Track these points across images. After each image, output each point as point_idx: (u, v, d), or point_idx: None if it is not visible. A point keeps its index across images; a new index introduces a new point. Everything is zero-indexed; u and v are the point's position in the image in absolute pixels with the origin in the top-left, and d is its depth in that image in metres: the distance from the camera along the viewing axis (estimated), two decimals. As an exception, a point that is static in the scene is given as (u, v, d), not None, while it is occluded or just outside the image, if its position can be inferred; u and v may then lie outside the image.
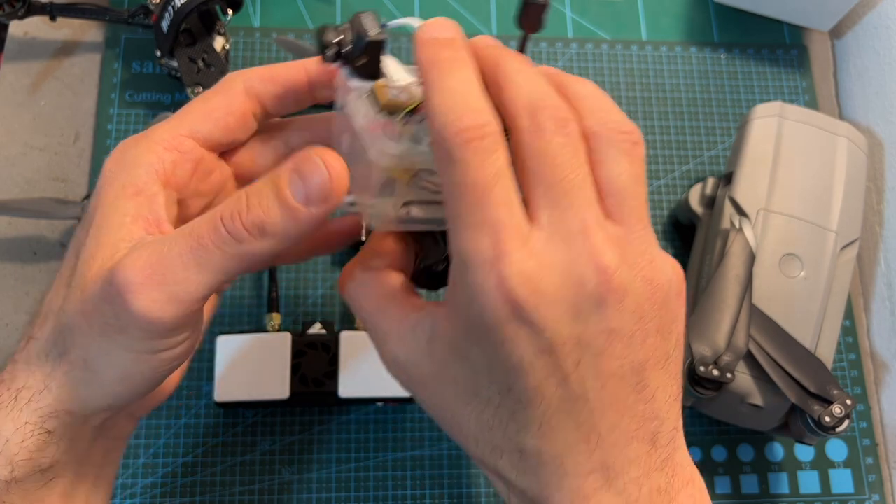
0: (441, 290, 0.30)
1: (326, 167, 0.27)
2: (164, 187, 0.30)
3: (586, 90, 0.28)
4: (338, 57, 0.27)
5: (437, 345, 0.28)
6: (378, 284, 0.30)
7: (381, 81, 0.28)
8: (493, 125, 0.25)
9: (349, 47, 0.27)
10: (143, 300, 0.26)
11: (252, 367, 0.43)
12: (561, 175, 0.26)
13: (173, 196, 0.30)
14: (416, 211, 0.29)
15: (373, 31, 0.26)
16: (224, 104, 0.31)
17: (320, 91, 0.33)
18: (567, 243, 0.25)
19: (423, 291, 0.31)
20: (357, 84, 0.28)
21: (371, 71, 0.27)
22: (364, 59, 0.27)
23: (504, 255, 0.25)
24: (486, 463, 0.28)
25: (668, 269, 0.28)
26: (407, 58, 0.39)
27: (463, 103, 0.26)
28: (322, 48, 0.26)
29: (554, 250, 0.25)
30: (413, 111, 0.28)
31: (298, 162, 0.27)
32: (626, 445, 0.27)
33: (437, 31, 0.27)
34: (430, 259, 0.30)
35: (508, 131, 0.26)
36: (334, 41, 0.26)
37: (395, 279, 0.30)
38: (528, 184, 0.26)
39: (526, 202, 0.26)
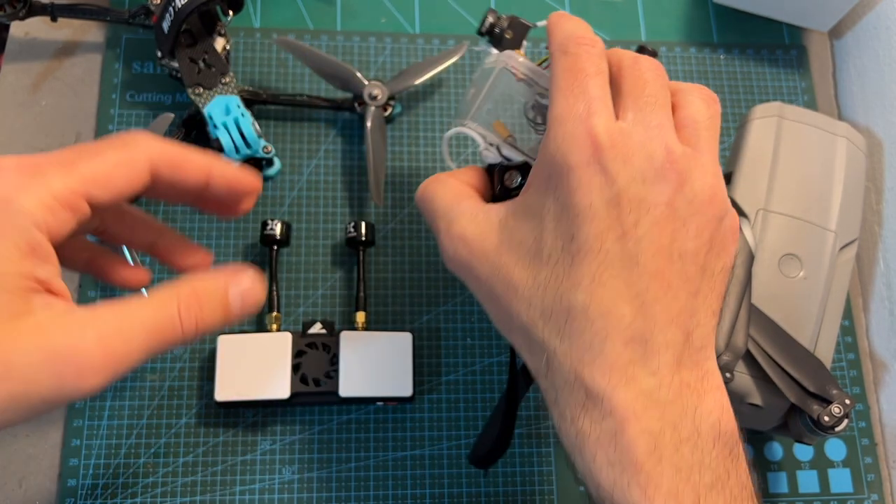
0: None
1: (261, 292, 0.31)
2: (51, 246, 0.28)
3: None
4: (491, 30, 0.38)
5: (509, 219, 0.32)
6: (459, 185, 0.36)
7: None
8: (603, 48, 0.33)
9: (504, 26, 0.38)
10: (99, 380, 0.26)
11: (252, 366, 0.44)
12: (649, 93, 0.32)
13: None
14: (505, 150, 0.37)
15: (524, 20, 0.38)
16: (127, 175, 0.29)
17: (209, 194, 0.32)
18: (645, 130, 0.31)
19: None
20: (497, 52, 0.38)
21: (512, 47, 0.38)
22: (511, 34, 0.38)
23: (595, 115, 0.30)
24: (532, 331, 0.30)
25: (729, 203, 0.32)
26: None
27: (581, 29, 0.33)
28: (482, 22, 0.38)
29: (633, 130, 0.30)
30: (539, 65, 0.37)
31: (245, 288, 0.30)
32: (665, 326, 0.29)
33: (563, 13, 0.35)
34: (511, 164, 0.36)
35: (612, 81, 0.33)
36: (494, 19, 0.38)
37: (474, 191, 0.36)
38: (620, 99, 0.32)
39: (616, 112, 0.31)
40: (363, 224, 0.48)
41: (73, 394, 0.26)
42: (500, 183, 0.36)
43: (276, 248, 0.47)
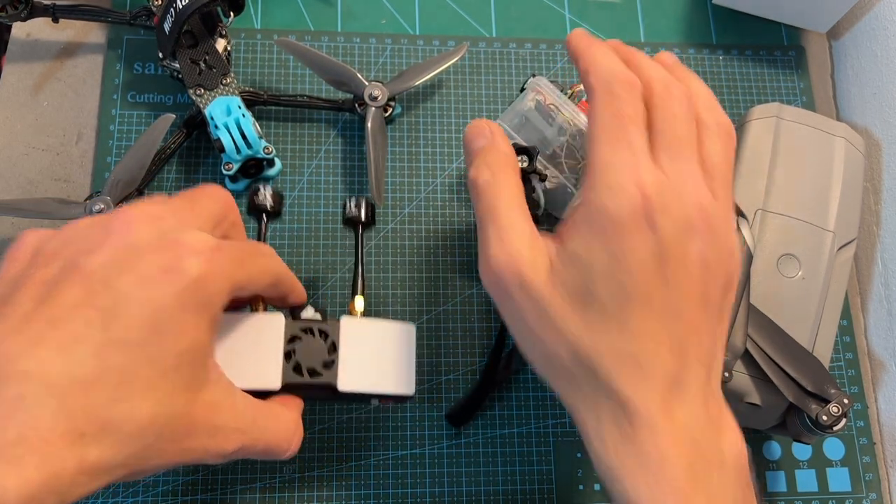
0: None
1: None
2: None
3: (700, 88, 0.36)
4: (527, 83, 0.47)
5: (556, 256, 0.33)
6: (511, 183, 0.35)
7: None
8: (640, 86, 0.34)
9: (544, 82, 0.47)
10: (232, 449, 0.34)
11: (238, 350, 0.36)
12: (679, 135, 0.33)
13: None
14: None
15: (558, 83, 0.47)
16: (264, 282, 0.36)
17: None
18: (680, 178, 0.32)
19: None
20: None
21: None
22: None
23: (641, 164, 0.32)
24: (577, 368, 0.32)
25: (739, 251, 0.35)
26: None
27: (616, 63, 0.34)
28: (525, 82, 0.46)
29: (670, 179, 0.32)
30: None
31: (296, 442, 0.37)
32: (694, 365, 0.32)
33: (582, 32, 0.36)
34: (518, 147, 0.41)
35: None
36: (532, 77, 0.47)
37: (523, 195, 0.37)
38: (654, 134, 0.33)
39: (650, 146, 0.33)
40: (363, 202, 0.50)
41: (213, 460, 0.32)
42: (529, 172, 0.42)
43: (265, 218, 0.49)
